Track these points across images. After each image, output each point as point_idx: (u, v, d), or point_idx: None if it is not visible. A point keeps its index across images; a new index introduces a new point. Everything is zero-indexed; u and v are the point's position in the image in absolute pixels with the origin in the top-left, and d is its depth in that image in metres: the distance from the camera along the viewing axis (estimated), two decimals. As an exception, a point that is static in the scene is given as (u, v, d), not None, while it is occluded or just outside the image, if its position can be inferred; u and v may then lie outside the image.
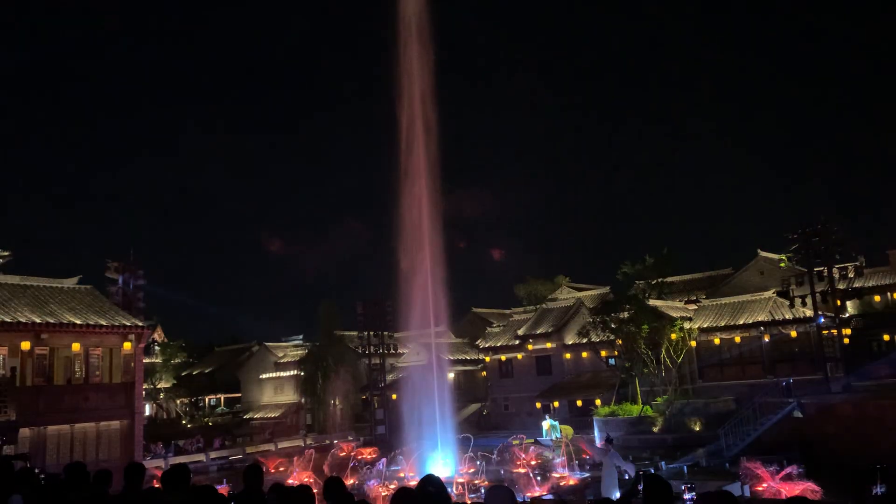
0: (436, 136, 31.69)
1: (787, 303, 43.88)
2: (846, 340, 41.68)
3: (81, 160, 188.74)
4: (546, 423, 41.67)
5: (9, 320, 28.51)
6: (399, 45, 32.30)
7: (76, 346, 30.57)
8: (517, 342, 54.67)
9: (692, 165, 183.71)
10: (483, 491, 19.11)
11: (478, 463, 29.07)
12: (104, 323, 31.52)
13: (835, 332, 41.89)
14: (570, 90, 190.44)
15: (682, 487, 15.46)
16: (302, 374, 60.22)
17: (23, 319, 28.96)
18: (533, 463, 29.67)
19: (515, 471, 28.39)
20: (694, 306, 50.69)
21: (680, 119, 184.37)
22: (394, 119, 31.85)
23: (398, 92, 31.95)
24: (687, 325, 45.27)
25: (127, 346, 32.33)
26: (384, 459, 29.18)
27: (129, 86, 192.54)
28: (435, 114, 32.05)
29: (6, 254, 40.30)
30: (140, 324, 33.41)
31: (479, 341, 59.20)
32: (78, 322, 30.60)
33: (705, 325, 46.27)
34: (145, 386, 49.82)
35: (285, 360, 66.42)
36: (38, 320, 29.33)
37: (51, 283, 33.74)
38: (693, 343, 45.37)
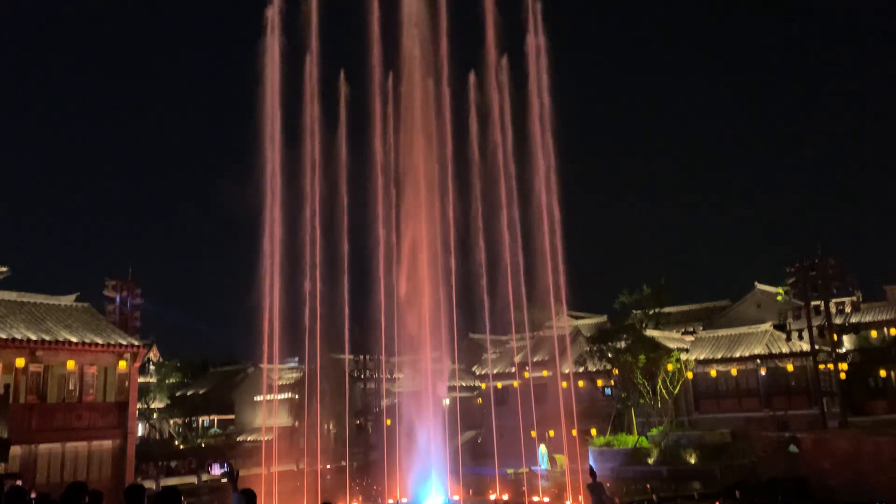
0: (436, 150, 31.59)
1: (784, 336, 43.81)
2: (843, 375, 41.55)
3: (80, 176, 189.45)
4: (543, 448, 41.74)
5: (4, 337, 28.40)
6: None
7: (71, 364, 30.41)
8: (513, 370, 54.48)
9: (691, 196, 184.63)
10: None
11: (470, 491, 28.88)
12: (100, 341, 31.40)
13: (831, 366, 41.81)
14: (574, 116, 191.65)
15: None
16: (296, 396, 59.91)
17: (18, 336, 28.85)
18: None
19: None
20: (691, 337, 50.63)
21: (680, 150, 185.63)
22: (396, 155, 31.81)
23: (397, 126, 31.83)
24: (683, 357, 45.19)
25: (122, 364, 32.16)
26: None
27: (135, 96, 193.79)
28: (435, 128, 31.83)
29: (4, 269, 40.23)
30: (136, 342, 33.28)
31: (475, 368, 58.94)
32: (74, 340, 30.49)
33: (702, 357, 46.20)
34: (139, 405, 49.50)
35: (280, 382, 66.09)
36: (33, 337, 29.23)
37: (48, 299, 33.65)
38: (689, 374, 45.26)
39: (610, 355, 42.21)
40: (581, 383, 49.83)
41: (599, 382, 46.15)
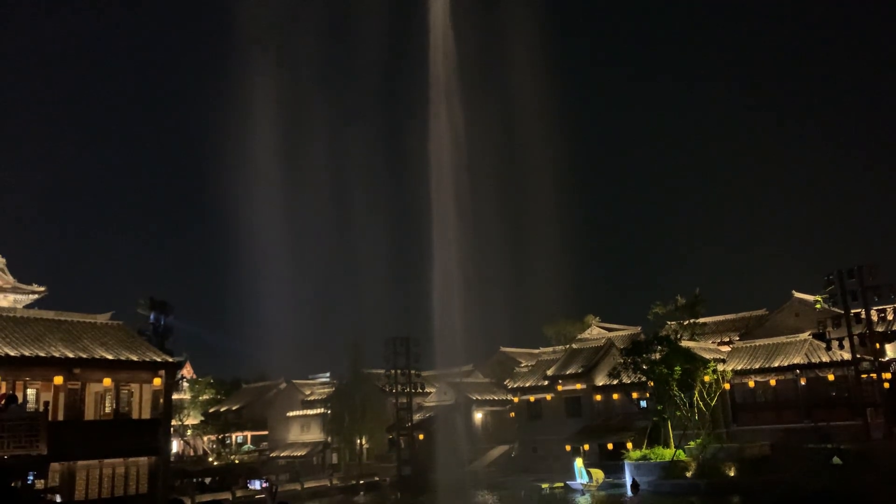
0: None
1: (824, 345, 42.84)
2: (886, 385, 40.41)
3: (116, 195, 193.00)
4: (579, 461, 41.24)
5: (43, 355, 28.84)
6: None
7: (107, 382, 30.77)
8: (546, 383, 53.91)
9: (726, 204, 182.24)
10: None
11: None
12: (135, 358, 31.71)
13: (874, 376, 40.69)
14: (605, 129, 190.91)
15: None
16: (329, 412, 60.00)
17: (56, 354, 29.28)
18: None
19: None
20: (727, 348, 49.72)
21: (716, 159, 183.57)
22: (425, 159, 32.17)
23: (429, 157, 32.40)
24: (720, 368, 44.34)
25: (157, 381, 32.44)
26: None
27: (175, 116, 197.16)
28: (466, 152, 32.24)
29: (42, 289, 41.04)
30: (170, 360, 33.54)
31: (507, 381, 58.53)
32: (110, 357, 30.84)
33: (739, 368, 45.33)
34: (173, 422, 49.93)
35: (312, 397, 66.41)
36: (71, 355, 29.63)
37: (84, 318, 34.13)
38: (727, 386, 44.39)
39: (644, 367, 41.51)
40: (615, 396, 49.17)
41: (634, 395, 45.44)
